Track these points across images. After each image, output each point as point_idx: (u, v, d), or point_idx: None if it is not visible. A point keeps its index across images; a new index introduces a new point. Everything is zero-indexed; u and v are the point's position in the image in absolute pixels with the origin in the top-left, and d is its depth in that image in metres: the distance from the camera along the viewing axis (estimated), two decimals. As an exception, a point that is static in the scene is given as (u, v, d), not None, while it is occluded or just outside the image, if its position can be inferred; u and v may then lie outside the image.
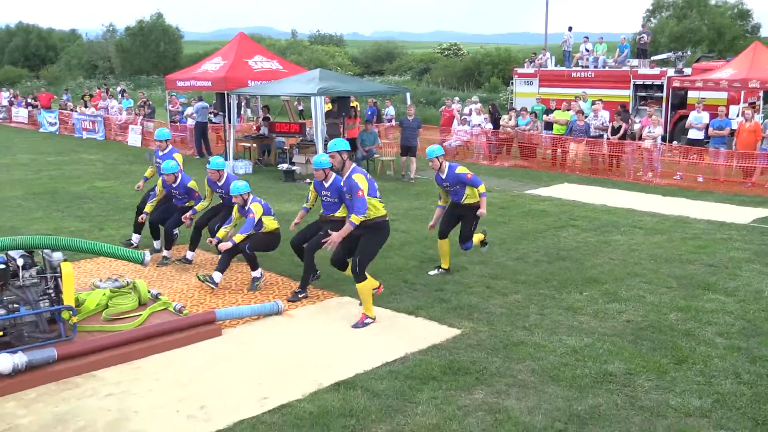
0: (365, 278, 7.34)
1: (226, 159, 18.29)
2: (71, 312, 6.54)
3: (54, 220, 12.27)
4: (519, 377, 6.14)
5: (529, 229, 11.61)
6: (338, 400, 5.74)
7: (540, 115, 20.58)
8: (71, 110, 30.38)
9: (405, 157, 16.63)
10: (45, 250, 6.75)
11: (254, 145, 19.96)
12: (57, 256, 6.65)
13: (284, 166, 17.06)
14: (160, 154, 10.13)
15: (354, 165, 7.61)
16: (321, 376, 6.18)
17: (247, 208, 8.53)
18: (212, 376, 6.21)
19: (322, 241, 7.58)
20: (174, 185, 9.49)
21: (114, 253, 7.43)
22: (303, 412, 5.54)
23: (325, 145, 16.69)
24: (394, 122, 22.59)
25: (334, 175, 8.08)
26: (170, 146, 10.21)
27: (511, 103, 25.96)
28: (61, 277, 6.53)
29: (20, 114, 33.51)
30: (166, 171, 9.33)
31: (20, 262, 6.44)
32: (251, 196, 8.68)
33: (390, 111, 24.12)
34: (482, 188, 8.76)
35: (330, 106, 18.49)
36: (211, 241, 8.74)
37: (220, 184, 9.29)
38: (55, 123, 29.66)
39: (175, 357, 6.62)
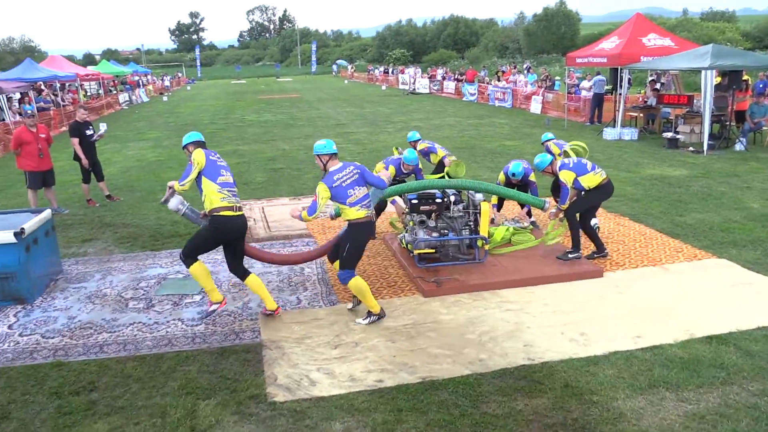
0: (191, 263, 5.92)
1: (614, 126, 17.58)
2: (484, 241, 7.00)
3: (471, 169, 13.10)
4: None
5: None
6: (709, 351, 5.23)
7: None
8: (487, 83, 31.93)
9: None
10: (470, 191, 7.28)
11: (640, 114, 18.76)
12: (479, 196, 7.12)
13: (668, 134, 15.73)
14: None
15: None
16: (693, 326, 5.68)
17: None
18: (592, 310, 6.13)
19: None
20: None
21: (519, 198, 7.70)
22: (674, 356, 5.17)
23: (713, 115, 14.96)
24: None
25: None
26: None
27: None
28: (479, 213, 7.00)
29: (449, 87, 36.26)
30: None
31: (452, 198, 7.06)
32: None
33: (786, 85, 20.52)
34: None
35: (720, 79, 16.43)
36: None
37: None
38: (475, 93, 31.47)
39: (562, 289, 6.66)
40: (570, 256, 7.18)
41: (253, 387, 4.88)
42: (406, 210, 7.37)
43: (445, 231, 7.03)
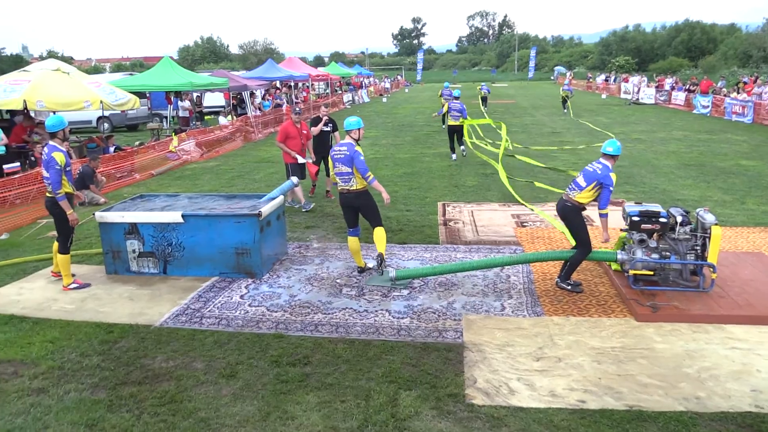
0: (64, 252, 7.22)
1: None
2: (712, 269, 6.40)
3: (700, 188, 12.05)
4: None
5: None
6: None
7: None
8: (724, 95, 29.00)
9: None
10: (699, 212, 6.67)
11: None
12: (710, 218, 6.50)
13: None
14: None
15: None
16: None
17: None
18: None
19: None
20: None
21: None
22: None
23: None
24: None
25: None
26: None
27: None
28: (709, 237, 6.40)
29: (678, 98, 33.53)
30: None
31: (679, 219, 6.54)
32: None
33: None
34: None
35: None
36: None
37: None
38: (708, 106, 28.77)
39: (804, 333, 5.86)
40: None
41: (453, 386, 4.98)
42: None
43: (667, 253, 6.53)
